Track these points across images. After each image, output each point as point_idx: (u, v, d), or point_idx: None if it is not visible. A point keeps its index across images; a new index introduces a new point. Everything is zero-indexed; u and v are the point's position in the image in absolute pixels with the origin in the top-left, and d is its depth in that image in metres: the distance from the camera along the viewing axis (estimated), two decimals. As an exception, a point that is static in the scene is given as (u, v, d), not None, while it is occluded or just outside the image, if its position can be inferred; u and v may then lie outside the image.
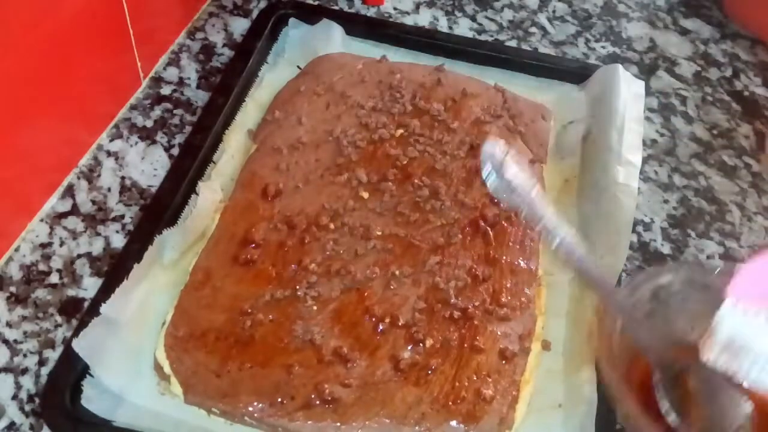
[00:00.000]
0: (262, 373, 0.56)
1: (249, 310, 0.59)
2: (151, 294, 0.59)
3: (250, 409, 0.54)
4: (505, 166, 0.59)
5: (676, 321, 0.57)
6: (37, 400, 0.56)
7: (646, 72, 0.86)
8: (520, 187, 0.58)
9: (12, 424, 0.55)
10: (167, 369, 0.56)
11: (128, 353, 0.56)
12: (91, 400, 0.54)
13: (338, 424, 0.54)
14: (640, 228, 0.71)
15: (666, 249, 0.70)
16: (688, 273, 0.57)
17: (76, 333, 0.56)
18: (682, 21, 0.93)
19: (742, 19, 0.91)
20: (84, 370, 0.55)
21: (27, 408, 0.56)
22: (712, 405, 0.52)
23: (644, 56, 0.88)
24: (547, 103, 0.78)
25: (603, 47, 0.88)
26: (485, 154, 0.59)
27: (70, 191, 0.68)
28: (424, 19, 0.88)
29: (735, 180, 0.76)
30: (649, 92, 0.82)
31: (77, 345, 0.53)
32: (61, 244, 0.65)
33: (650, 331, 0.55)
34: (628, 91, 0.74)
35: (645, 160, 0.75)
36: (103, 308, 0.55)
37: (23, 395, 0.57)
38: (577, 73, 0.80)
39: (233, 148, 0.71)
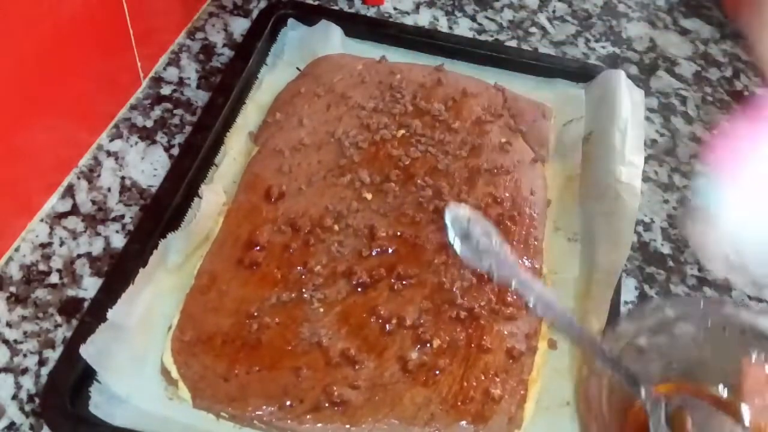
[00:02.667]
0: (270, 377, 0.55)
1: (255, 314, 0.58)
2: (156, 298, 0.59)
3: (259, 412, 0.54)
4: (471, 229, 0.61)
5: (673, 355, 0.58)
6: (37, 400, 0.56)
7: (646, 72, 0.86)
8: (489, 249, 0.60)
9: (12, 424, 0.55)
10: (174, 374, 0.55)
11: (135, 358, 0.56)
12: (99, 405, 0.54)
13: (347, 426, 0.54)
14: (640, 228, 0.72)
15: (666, 249, 0.70)
16: (692, 309, 0.58)
17: (76, 333, 0.55)
18: (682, 21, 0.93)
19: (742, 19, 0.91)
20: (84, 371, 0.54)
21: (27, 408, 0.56)
22: None
23: (644, 56, 0.88)
24: (546, 102, 0.78)
25: (603, 47, 0.88)
26: (449, 219, 0.61)
27: (70, 191, 0.68)
28: (424, 19, 0.88)
29: (735, 180, 0.76)
30: (649, 92, 0.82)
31: (84, 351, 0.53)
32: (61, 244, 0.64)
33: (645, 367, 0.55)
34: (630, 97, 0.74)
35: (645, 160, 0.75)
36: (110, 314, 0.54)
37: (23, 395, 0.56)
38: (577, 73, 0.80)
39: (235, 150, 0.70)
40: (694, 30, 0.92)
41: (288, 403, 0.54)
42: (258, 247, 0.62)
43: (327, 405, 0.54)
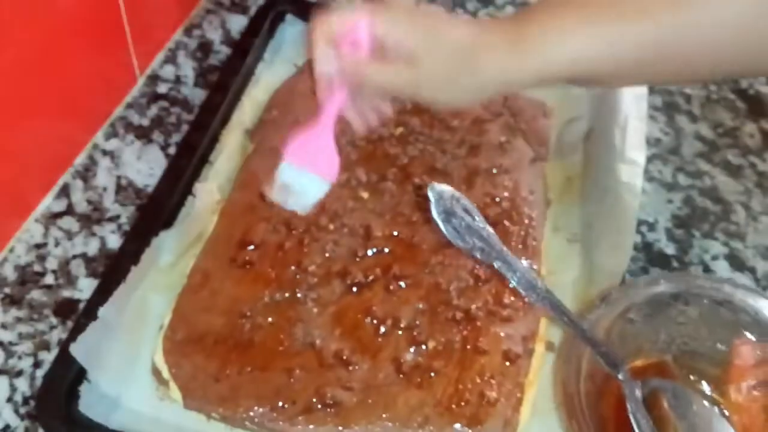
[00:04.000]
0: (262, 377, 0.55)
1: (248, 313, 0.58)
2: (148, 297, 0.58)
3: (251, 413, 0.54)
4: (454, 208, 0.63)
5: (663, 329, 0.59)
6: (32, 403, 0.56)
7: (649, 70, 0.85)
8: (472, 228, 0.62)
9: (7, 426, 0.55)
10: (166, 374, 0.55)
11: (126, 357, 0.56)
12: (89, 405, 0.53)
13: (340, 428, 0.54)
14: (644, 228, 0.70)
15: (670, 249, 0.69)
16: (688, 286, 0.59)
17: (71, 335, 0.55)
18: (686, 18, 0.92)
19: None
20: (79, 373, 0.54)
21: (22, 410, 0.56)
22: (687, 423, 0.54)
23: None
24: (547, 101, 0.77)
25: (605, 44, 0.87)
26: (432, 196, 0.63)
27: (65, 191, 0.67)
28: (424, 16, 0.87)
29: (740, 179, 0.75)
30: (652, 90, 0.81)
31: (74, 349, 0.53)
32: (56, 244, 0.64)
33: (623, 349, 0.57)
34: (631, 90, 0.73)
35: (649, 160, 0.74)
36: (100, 312, 0.54)
37: (18, 398, 0.56)
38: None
39: (230, 148, 0.70)
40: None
41: (280, 404, 0.54)
42: (252, 246, 0.62)
43: (320, 407, 0.54)
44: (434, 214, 0.62)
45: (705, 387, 0.58)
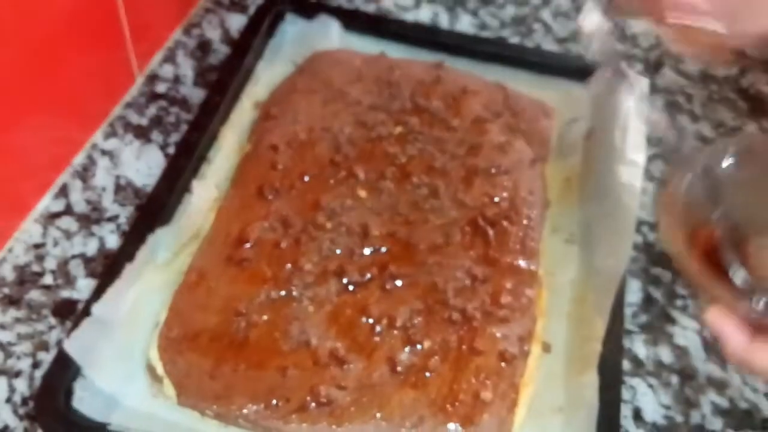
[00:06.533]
0: (256, 375, 0.55)
1: (243, 311, 0.58)
2: (144, 294, 0.58)
3: (244, 411, 0.53)
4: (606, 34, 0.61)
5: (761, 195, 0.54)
6: (30, 403, 0.56)
7: (652, 69, 0.84)
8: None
9: (6, 427, 0.55)
10: (160, 370, 0.55)
11: (121, 354, 0.55)
12: (83, 401, 0.53)
13: (334, 426, 0.53)
14: (645, 228, 0.70)
15: (671, 249, 0.69)
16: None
17: (69, 335, 0.55)
18: (688, 17, 0.91)
19: None
20: (78, 373, 0.54)
21: (21, 411, 0.56)
22: None
23: (649, 53, 0.86)
24: (549, 101, 0.76)
25: (607, 44, 0.87)
26: (585, 26, 0.60)
27: (63, 191, 0.68)
28: (425, 15, 0.87)
29: (741, 179, 0.74)
30: (654, 90, 0.81)
31: (68, 346, 0.53)
32: (55, 244, 0.64)
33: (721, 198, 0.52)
34: (632, 89, 0.73)
35: (650, 159, 0.74)
36: (95, 308, 0.54)
37: (17, 398, 0.56)
38: (580, 71, 0.78)
39: (228, 146, 0.70)
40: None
41: (274, 402, 0.54)
42: (248, 244, 0.61)
43: (313, 405, 0.54)
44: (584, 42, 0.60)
45: None
